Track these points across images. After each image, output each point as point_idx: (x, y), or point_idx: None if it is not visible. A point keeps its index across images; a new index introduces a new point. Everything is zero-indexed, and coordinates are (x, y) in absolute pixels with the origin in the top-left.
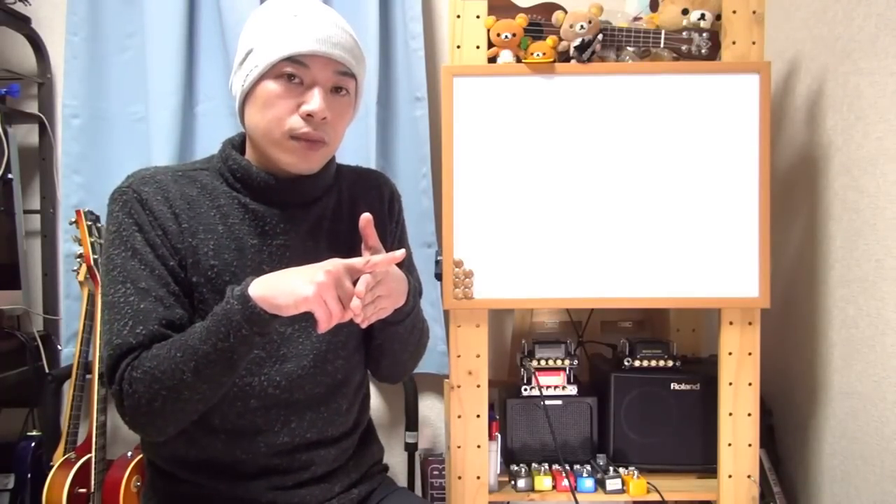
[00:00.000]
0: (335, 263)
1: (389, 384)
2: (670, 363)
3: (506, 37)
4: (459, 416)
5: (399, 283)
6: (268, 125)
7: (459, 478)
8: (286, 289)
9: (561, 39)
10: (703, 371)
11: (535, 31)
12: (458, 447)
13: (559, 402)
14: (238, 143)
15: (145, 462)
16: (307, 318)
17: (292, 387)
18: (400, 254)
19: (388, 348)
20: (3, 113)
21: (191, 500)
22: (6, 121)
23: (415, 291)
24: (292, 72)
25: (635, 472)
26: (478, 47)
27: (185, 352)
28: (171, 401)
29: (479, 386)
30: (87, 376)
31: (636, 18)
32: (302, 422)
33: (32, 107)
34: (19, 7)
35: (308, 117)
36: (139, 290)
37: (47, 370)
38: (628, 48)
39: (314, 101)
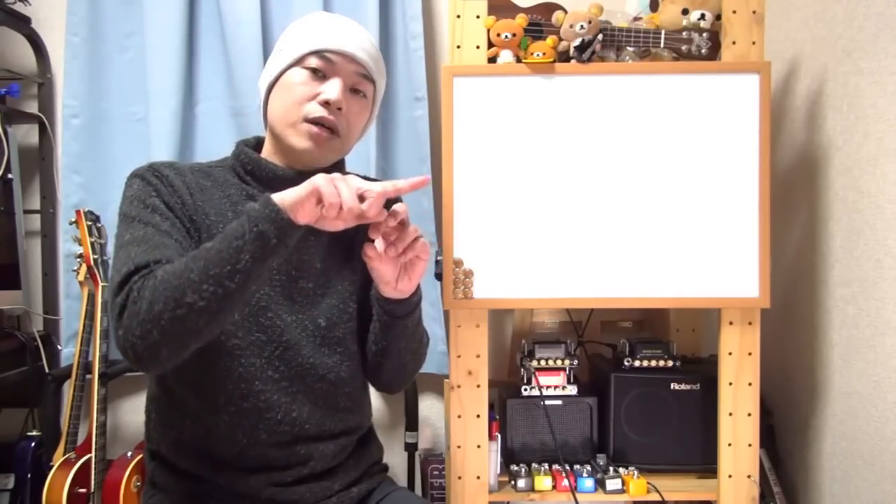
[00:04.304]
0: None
1: (390, 394)
2: (670, 363)
3: (506, 37)
4: (459, 416)
5: (425, 263)
6: (286, 109)
7: (459, 478)
8: (294, 189)
9: (561, 39)
10: (703, 371)
11: (535, 31)
12: (458, 447)
13: (559, 402)
14: (252, 144)
15: (146, 457)
16: (305, 311)
17: (292, 375)
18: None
19: (394, 348)
20: (3, 113)
21: (190, 496)
22: (6, 121)
23: (419, 289)
24: (317, 65)
25: (635, 472)
26: (478, 47)
27: (198, 253)
28: (173, 305)
29: (479, 386)
30: (87, 376)
31: (636, 18)
32: (302, 413)
33: (32, 107)
34: (19, 7)
35: (325, 104)
36: (161, 232)
37: (47, 370)
38: (628, 48)
39: (332, 89)
